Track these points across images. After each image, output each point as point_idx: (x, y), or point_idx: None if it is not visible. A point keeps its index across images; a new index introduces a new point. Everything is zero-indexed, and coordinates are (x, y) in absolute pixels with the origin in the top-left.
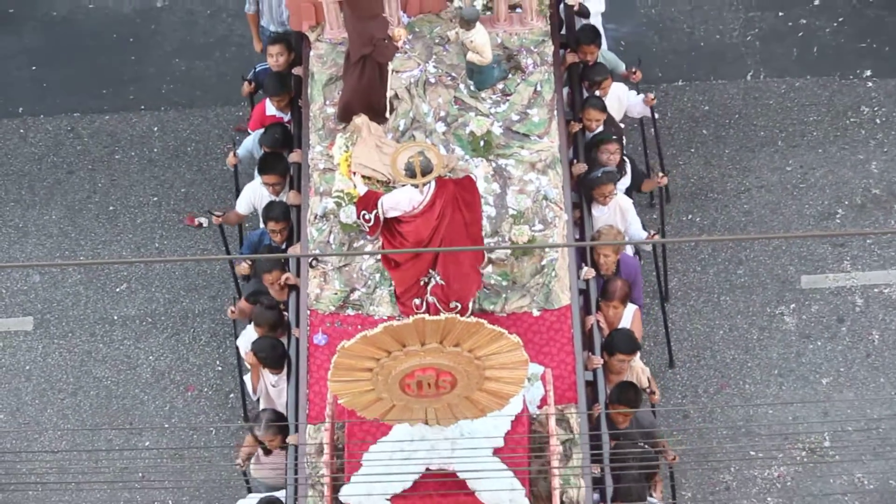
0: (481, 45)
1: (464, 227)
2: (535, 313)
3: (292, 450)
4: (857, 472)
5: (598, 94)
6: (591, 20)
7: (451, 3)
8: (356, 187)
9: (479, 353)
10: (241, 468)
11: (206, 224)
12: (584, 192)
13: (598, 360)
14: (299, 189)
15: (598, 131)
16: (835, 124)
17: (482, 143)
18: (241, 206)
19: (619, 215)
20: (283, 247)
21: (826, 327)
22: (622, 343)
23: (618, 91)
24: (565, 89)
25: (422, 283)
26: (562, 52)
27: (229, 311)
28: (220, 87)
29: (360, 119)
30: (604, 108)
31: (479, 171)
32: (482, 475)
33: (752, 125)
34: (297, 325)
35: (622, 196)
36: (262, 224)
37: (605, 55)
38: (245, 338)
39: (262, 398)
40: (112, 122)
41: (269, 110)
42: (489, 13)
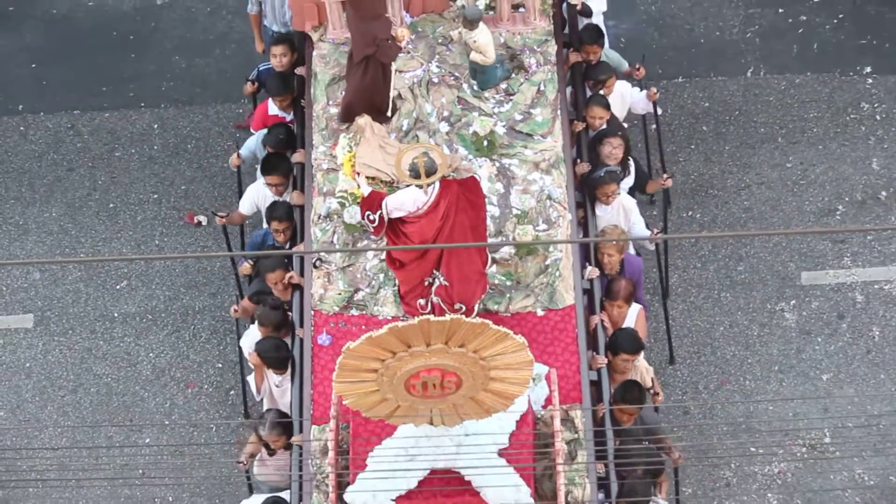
0: (484, 44)
1: (468, 228)
2: (540, 313)
3: (297, 449)
4: (857, 469)
5: (602, 93)
6: (592, 19)
7: (454, 3)
8: (360, 188)
9: (485, 353)
10: (244, 467)
11: (205, 222)
12: (588, 191)
13: (602, 360)
14: (303, 189)
15: (602, 129)
16: (835, 121)
17: (486, 143)
18: (245, 206)
19: (623, 215)
20: (287, 247)
21: (826, 324)
22: (626, 343)
23: (621, 89)
24: (568, 89)
25: (426, 284)
26: (565, 51)
27: (232, 310)
28: (220, 84)
29: (363, 119)
30: (607, 106)
31: (483, 171)
32: (487, 475)
33: (752, 122)
34: (301, 326)
35: (625, 196)
36: (265, 224)
37: (609, 54)
38: (248, 338)
39: (265, 399)
40: (112, 119)
41: (272, 110)
42: (492, 13)
